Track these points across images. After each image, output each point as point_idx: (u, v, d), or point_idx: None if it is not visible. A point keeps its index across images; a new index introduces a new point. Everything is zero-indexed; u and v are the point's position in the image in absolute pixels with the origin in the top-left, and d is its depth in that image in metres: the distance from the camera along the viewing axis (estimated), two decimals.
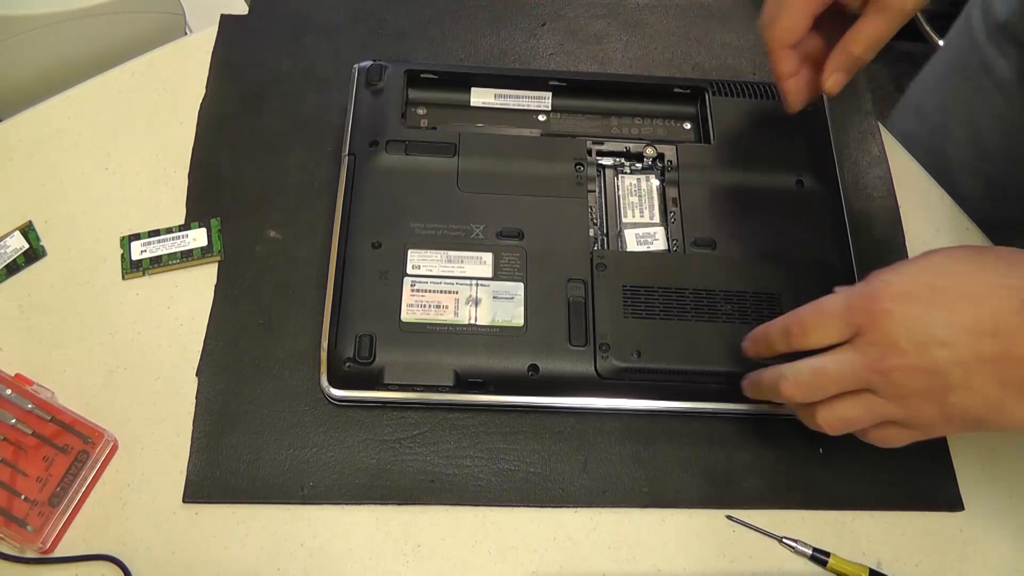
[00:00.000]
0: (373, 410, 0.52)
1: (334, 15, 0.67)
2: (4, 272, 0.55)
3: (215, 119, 0.61)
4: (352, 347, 0.50)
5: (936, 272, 0.41)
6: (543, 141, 0.60)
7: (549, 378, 0.51)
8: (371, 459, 0.51)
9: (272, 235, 0.57)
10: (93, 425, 0.50)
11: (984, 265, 0.41)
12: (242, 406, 0.52)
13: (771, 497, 0.52)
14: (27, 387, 0.50)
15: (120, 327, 0.54)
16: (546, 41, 0.68)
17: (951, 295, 0.40)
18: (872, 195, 0.62)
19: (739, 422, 0.53)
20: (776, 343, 0.45)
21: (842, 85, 0.50)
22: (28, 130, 0.60)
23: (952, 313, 0.39)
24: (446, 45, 0.66)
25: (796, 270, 0.54)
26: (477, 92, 0.61)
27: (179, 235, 0.56)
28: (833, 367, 0.42)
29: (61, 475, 0.48)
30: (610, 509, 0.51)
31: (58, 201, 0.58)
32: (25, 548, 0.47)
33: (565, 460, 0.52)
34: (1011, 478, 0.54)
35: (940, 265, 0.41)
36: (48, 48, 0.75)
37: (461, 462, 0.51)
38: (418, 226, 0.54)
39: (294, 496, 0.50)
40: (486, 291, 0.52)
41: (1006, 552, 0.52)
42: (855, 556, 0.51)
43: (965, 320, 0.39)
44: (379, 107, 0.58)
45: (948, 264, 0.41)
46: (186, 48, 0.65)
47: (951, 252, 0.42)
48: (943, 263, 0.41)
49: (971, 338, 0.39)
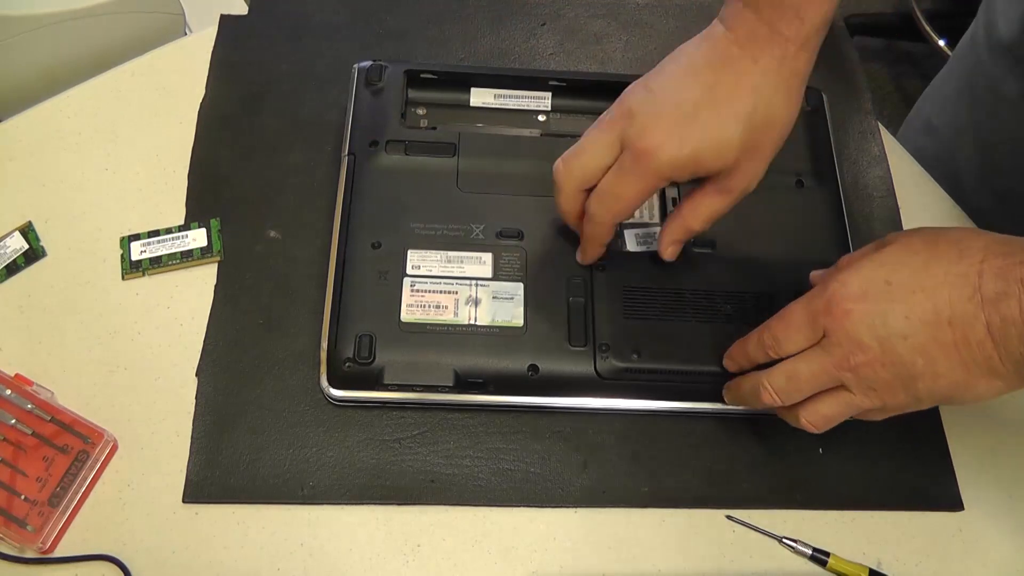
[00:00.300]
0: (373, 410, 0.52)
1: (334, 15, 0.67)
2: (4, 272, 0.55)
3: (215, 119, 0.61)
4: (352, 347, 0.50)
5: (891, 267, 0.42)
6: (543, 141, 0.60)
7: (549, 378, 0.51)
8: (371, 459, 0.51)
9: (272, 235, 0.57)
10: (93, 425, 0.50)
11: (937, 253, 0.42)
12: (242, 406, 0.52)
13: (771, 497, 0.52)
14: (27, 387, 0.50)
15: (120, 327, 0.54)
16: (546, 41, 0.68)
17: (907, 289, 0.41)
18: (872, 195, 0.63)
19: (739, 422, 0.53)
20: (755, 356, 0.47)
21: (678, 253, 0.51)
22: (28, 130, 0.60)
23: (909, 306, 0.41)
24: (446, 45, 0.66)
25: (796, 270, 0.54)
26: (477, 92, 0.61)
27: (179, 235, 0.56)
28: (805, 370, 0.44)
29: (61, 475, 0.48)
30: (610, 509, 0.51)
31: (58, 201, 0.58)
32: (25, 548, 0.47)
33: (565, 460, 0.52)
34: (1010, 478, 0.54)
35: (894, 258, 0.43)
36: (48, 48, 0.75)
37: (461, 462, 0.51)
38: (418, 226, 0.54)
39: (294, 496, 0.50)
40: (486, 291, 0.52)
41: (1006, 552, 0.52)
42: (855, 556, 0.51)
43: (922, 312, 0.41)
44: (379, 107, 0.58)
45: (902, 256, 0.43)
46: (186, 48, 0.65)
47: (907, 242, 0.43)
48: (898, 256, 0.43)
49: (930, 328, 0.41)
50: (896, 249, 0.43)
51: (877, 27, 1.72)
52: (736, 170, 0.45)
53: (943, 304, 0.40)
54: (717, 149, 0.44)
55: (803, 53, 0.44)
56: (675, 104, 0.44)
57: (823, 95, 0.62)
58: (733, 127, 0.44)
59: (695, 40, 0.46)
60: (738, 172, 0.46)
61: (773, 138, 0.45)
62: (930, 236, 0.43)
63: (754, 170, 0.46)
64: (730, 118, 0.44)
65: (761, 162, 0.46)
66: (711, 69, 0.44)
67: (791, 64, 0.44)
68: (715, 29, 0.45)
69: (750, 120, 0.44)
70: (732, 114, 0.44)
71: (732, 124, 0.44)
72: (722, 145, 0.44)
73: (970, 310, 0.40)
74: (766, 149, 0.46)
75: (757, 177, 0.47)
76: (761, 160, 0.46)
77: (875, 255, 0.43)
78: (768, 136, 0.45)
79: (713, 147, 0.44)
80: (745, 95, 0.44)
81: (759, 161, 0.46)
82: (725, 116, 0.44)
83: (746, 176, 0.46)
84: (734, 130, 0.44)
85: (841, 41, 0.71)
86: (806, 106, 0.61)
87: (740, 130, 0.44)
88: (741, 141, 0.44)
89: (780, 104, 0.45)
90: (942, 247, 0.42)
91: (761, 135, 0.45)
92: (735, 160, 0.45)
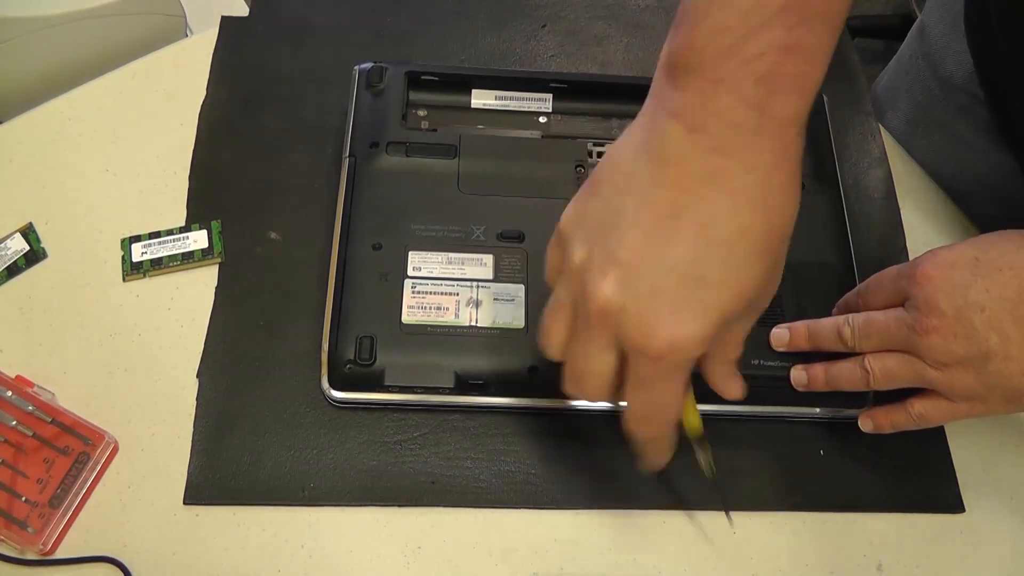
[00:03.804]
0: (374, 412, 0.52)
1: (335, 17, 0.67)
2: (5, 274, 0.55)
3: (216, 121, 0.61)
4: (353, 349, 0.50)
5: (983, 247, 0.43)
6: (544, 143, 0.60)
7: (550, 380, 0.51)
8: (372, 461, 0.51)
9: (273, 237, 0.57)
10: (94, 427, 0.50)
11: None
12: (243, 408, 0.52)
13: (772, 499, 0.52)
14: (28, 389, 0.50)
15: (121, 329, 0.54)
16: (547, 43, 0.68)
17: (993, 266, 0.41)
18: (873, 196, 0.63)
19: (739, 423, 0.53)
20: (850, 305, 0.49)
21: (739, 382, 0.42)
22: (29, 132, 0.60)
23: (992, 281, 0.41)
24: (447, 47, 0.67)
25: (796, 271, 0.54)
26: (478, 94, 0.61)
27: (180, 237, 0.56)
28: (880, 318, 0.45)
29: (62, 477, 0.48)
30: (611, 511, 0.51)
31: (59, 203, 0.58)
32: (26, 550, 0.47)
33: (566, 462, 0.52)
34: (1012, 480, 0.54)
35: (988, 241, 0.43)
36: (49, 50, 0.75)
37: (462, 464, 0.51)
38: (419, 228, 0.54)
39: (295, 498, 0.50)
40: (487, 293, 0.52)
41: (1007, 554, 0.52)
42: (855, 558, 0.51)
43: (1003, 288, 0.41)
44: (380, 109, 0.58)
45: (996, 240, 0.43)
46: (187, 50, 0.65)
47: (1003, 232, 0.44)
48: (992, 239, 0.43)
49: (1009, 305, 0.41)
50: (993, 235, 0.44)
51: (878, 29, 1.72)
52: (761, 298, 0.37)
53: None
54: (738, 301, 0.34)
55: (803, 133, 0.33)
56: (666, 271, 0.33)
57: (824, 97, 0.62)
58: (748, 269, 0.34)
59: (640, 156, 0.34)
60: (763, 297, 0.37)
61: (786, 238, 0.36)
62: (1009, 233, 0.43)
63: (776, 282, 0.37)
64: (744, 259, 0.34)
65: (780, 269, 0.37)
66: (692, 200, 0.33)
67: (794, 153, 0.33)
68: (669, 131, 0.33)
69: (766, 247, 0.34)
70: (745, 254, 0.34)
71: (747, 266, 0.34)
72: (743, 293, 0.34)
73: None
74: (782, 254, 0.36)
75: (777, 284, 0.37)
76: (780, 267, 0.37)
77: (973, 239, 0.44)
78: (783, 244, 0.36)
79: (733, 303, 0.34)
80: (747, 215, 0.33)
81: (779, 270, 0.37)
82: (736, 261, 0.34)
83: (770, 294, 0.38)
84: (749, 272, 0.34)
85: (842, 43, 0.70)
86: None
87: (758, 267, 0.34)
88: (761, 276, 0.35)
89: (788, 205, 0.34)
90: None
91: (777, 251, 0.35)
92: (757, 298, 0.36)
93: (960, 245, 0.44)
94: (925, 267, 0.43)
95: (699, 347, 0.34)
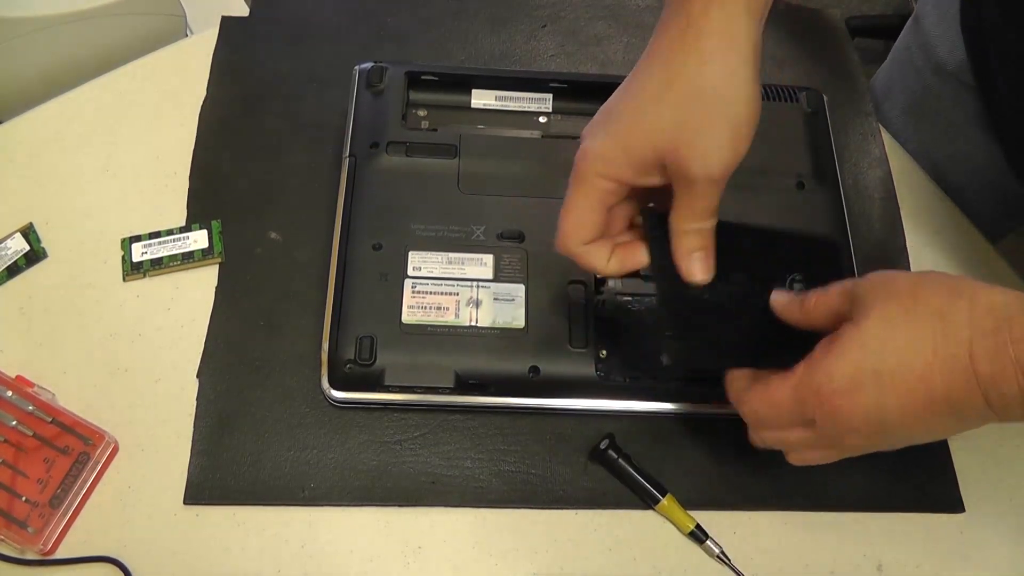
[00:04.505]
0: (374, 412, 0.52)
1: (335, 17, 0.67)
2: (5, 274, 0.55)
3: (216, 121, 0.61)
4: (353, 349, 0.50)
5: (876, 353, 0.40)
6: (544, 143, 0.60)
7: (550, 380, 0.51)
8: (372, 461, 0.51)
9: (273, 237, 0.57)
10: (94, 427, 0.50)
11: (920, 328, 0.39)
12: (243, 408, 0.52)
13: (772, 499, 0.52)
14: (28, 389, 0.50)
15: (121, 329, 0.54)
16: (547, 43, 0.68)
17: (899, 377, 0.39)
18: (872, 196, 0.63)
19: (740, 424, 0.53)
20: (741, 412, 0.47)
21: (703, 265, 0.44)
22: (29, 132, 0.60)
23: (905, 397, 0.39)
24: (447, 47, 0.67)
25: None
26: (478, 94, 0.61)
27: (180, 237, 0.56)
28: (795, 438, 0.44)
29: (62, 477, 0.48)
30: (611, 511, 0.51)
31: (59, 203, 0.58)
32: (26, 550, 0.47)
33: (566, 462, 0.52)
34: (1012, 480, 0.54)
35: (877, 341, 0.40)
36: (49, 50, 0.75)
37: (462, 464, 0.51)
38: (419, 228, 0.54)
39: (295, 498, 0.50)
40: (487, 293, 0.52)
41: (1007, 554, 0.52)
42: (855, 557, 0.51)
43: (917, 399, 0.39)
44: (380, 109, 0.58)
45: (884, 335, 0.40)
46: (187, 50, 0.65)
47: (883, 313, 0.40)
48: (879, 335, 0.40)
49: (926, 410, 0.39)
50: (875, 326, 0.40)
51: (878, 29, 1.72)
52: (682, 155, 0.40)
53: (938, 388, 0.38)
54: (643, 133, 0.41)
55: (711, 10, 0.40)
56: (603, 111, 0.43)
57: (824, 97, 0.62)
58: (652, 107, 0.41)
59: None
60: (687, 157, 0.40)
61: (712, 111, 0.40)
62: (907, 301, 0.40)
63: (704, 148, 0.40)
64: (647, 101, 0.41)
65: (713, 139, 0.40)
66: (634, 72, 0.43)
67: (697, 24, 0.40)
68: None
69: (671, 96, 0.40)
70: (649, 96, 0.41)
71: (651, 105, 0.41)
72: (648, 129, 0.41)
73: (967, 389, 0.38)
74: (708, 123, 0.40)
75: (720, 159, 0.41)
76: (712, 137, 0.40)
77: (855, 335, 0.40)
78: (703, 108, 0.40)
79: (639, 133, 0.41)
80: (656, 72, 0.41)
81: (709, 138, 0.40)
82: (642, 100, 0.41)
83: (699, 158, 0.40)
84: (653, 110, 0.41)
85: (842, 43, 0.71)
86: (807, 108, 0.61)
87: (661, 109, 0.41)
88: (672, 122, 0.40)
89: (710, 73, 0.40)
90: (923, 320, 0.39)
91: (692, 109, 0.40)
92: (672, 143, 0.40)
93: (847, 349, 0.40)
94: (830, 398, 0.40)
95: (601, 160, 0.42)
